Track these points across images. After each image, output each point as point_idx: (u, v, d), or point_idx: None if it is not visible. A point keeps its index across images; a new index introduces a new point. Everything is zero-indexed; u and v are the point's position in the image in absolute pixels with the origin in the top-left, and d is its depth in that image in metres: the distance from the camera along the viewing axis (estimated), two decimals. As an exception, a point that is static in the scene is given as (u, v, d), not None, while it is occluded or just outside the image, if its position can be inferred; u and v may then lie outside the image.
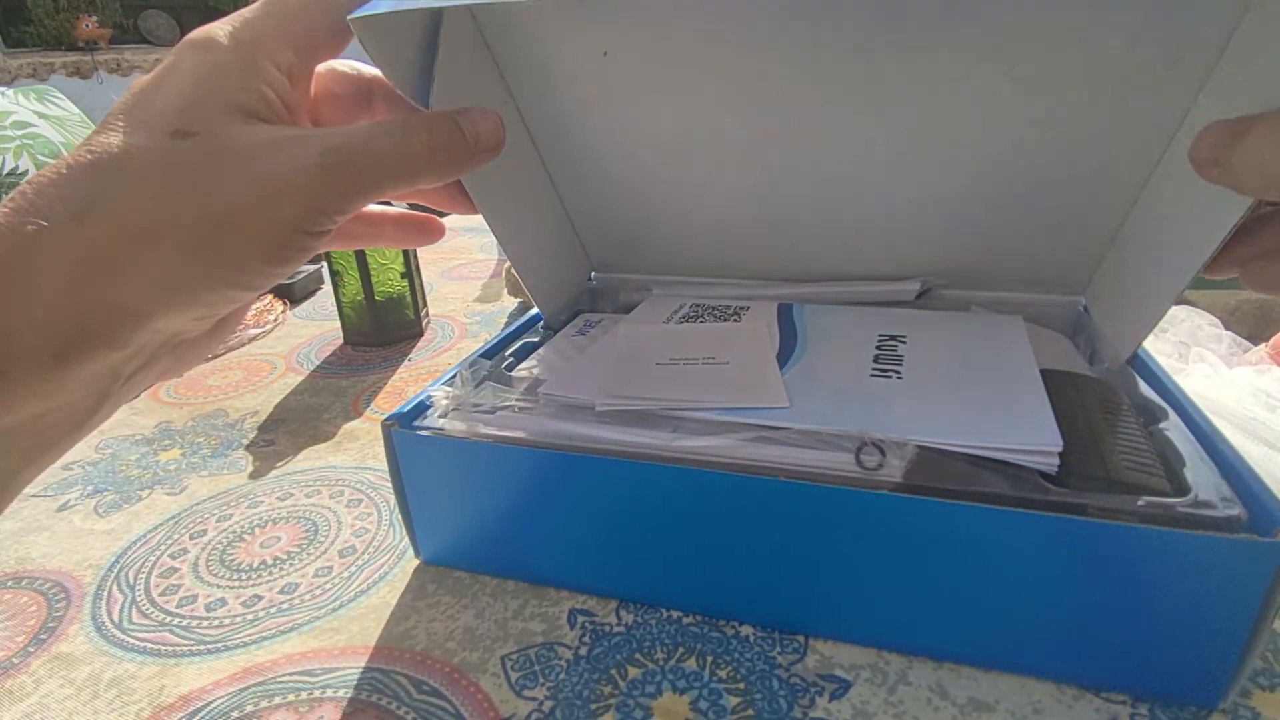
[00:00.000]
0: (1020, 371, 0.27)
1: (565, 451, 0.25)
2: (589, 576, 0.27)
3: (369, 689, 0.23)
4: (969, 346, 0.29)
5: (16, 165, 0.85)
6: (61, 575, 0.30)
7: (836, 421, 0.23)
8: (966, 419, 0.23)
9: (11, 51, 3.03)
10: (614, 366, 0.29)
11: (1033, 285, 0.35)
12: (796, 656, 0.23)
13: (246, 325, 0.59)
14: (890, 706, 0.21)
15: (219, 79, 0.20)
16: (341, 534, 0.32)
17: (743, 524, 0.23)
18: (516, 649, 0.24)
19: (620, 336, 0.32)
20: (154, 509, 0.34)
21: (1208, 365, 0.38)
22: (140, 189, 0.18)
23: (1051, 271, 0.34)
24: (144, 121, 0.19)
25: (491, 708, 0.22)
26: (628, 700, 0.22)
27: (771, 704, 0.22)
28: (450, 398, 0.28)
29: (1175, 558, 0.19)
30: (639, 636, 0.24)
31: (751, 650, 0.24)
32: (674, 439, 0.24)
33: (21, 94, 0.94)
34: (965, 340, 0.30)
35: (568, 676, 0.23)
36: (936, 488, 0.21)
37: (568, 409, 0.27)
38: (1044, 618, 0.21)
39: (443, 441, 0.26)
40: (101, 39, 3.17)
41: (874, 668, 0.23)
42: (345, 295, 0.55)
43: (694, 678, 0.23)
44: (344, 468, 0.37)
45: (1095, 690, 0.21)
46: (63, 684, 0.24)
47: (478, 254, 0.83)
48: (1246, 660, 0.19)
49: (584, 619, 0.25)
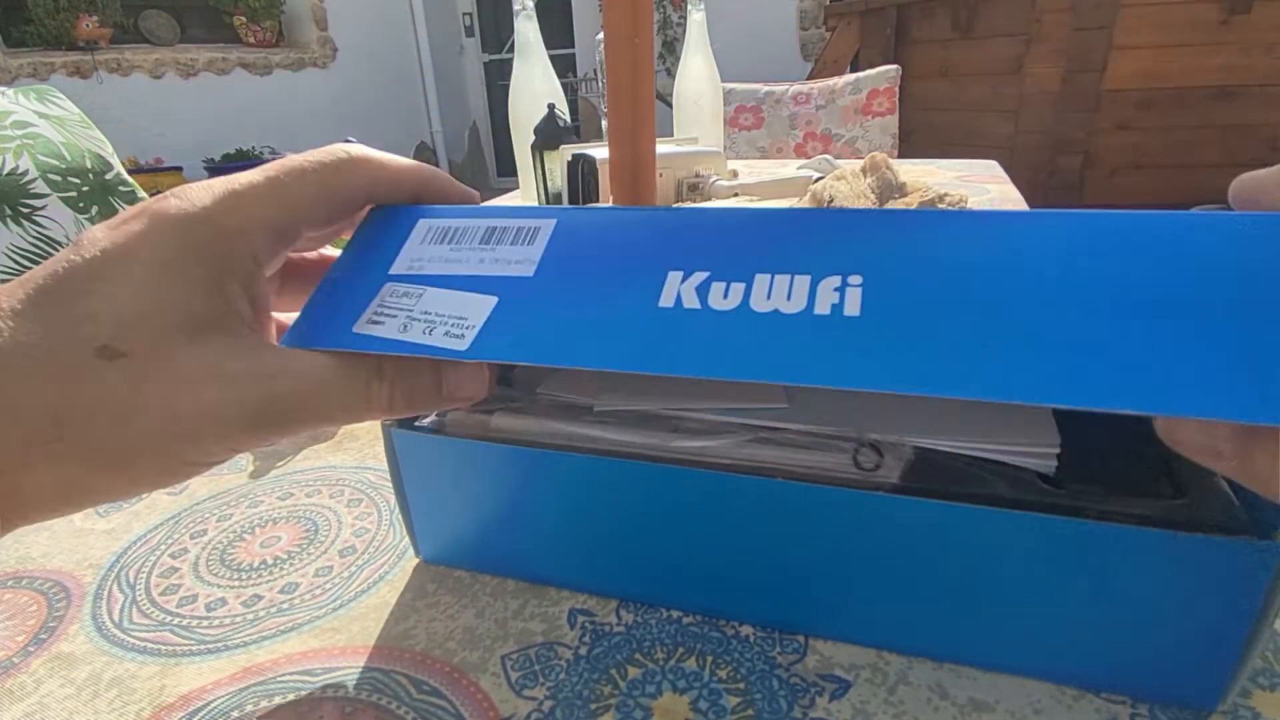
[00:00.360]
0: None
1: (563, 451, 0.25)
2: (588, 576, 0.27)
3: (369, 689, 0.23)
4: None
5: (16, 165, 0.85)
6: (62, 575, 0.30)
7: (834, 422, 0.23)
8: (965, 419, 0.23)
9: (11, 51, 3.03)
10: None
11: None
12: (796, 656, 0.23)
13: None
14: (890, 706, 0.21)
15: (180, 285, 0.17)
16: (342, 534, 0.32)
17: (741, 524, 0.23)
18: (516, 649, 0.24)
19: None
20: (154, 508, 0.34)
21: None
22: (38, 402, 0.15)
23: None
24: (69, 322, 0.16)
25: (491, 707, 0.22)
26: (628, 700, 0.22)
27: (771, 704, 0.22)
28: None
29: (1174, 560, 0.19)
30: (639, 636, 0.24)
31: (751, 650, 0.24)
32: (672, 439, 0.24)
33: (21, 94, 0.94)
34: None
35: (568, 676, 0.23)
36: (934, 489, 0.21)
37: (566, 409, 0.27)
38: (1041, 620, 0.21)
39: (442, 441, 0.26)
40: (102, 39, 3.17)
41: (874, 668, 0.23)
42: (345, 295, 0.55)
43: (694, 678, 0.23)
44: (344, 467, 0.37)
45: (1095, 690, 0.21)
46: (63, 684, 0.24)
47: (478, 254, 0.83)
48: (1246, 662, 0.19)
49: (584, 619, 0.25)
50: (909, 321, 0.16)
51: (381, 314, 0.21)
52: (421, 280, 0.21)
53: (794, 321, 0.17)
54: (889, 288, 0.17)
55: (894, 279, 0.17)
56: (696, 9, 1.13)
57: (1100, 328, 0.15)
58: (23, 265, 0.83)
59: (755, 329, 0.17)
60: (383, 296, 0.21)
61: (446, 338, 0.20)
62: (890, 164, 0.53)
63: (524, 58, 1.06)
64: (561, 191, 0.88)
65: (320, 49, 3.95)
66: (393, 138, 4.42)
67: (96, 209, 0.91)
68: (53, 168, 0.88)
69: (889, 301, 0.17)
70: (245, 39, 3.72)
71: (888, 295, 0.17)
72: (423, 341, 0.20)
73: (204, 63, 3.48)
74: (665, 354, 0.18)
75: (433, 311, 0.20)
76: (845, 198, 0.51)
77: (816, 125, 2.06)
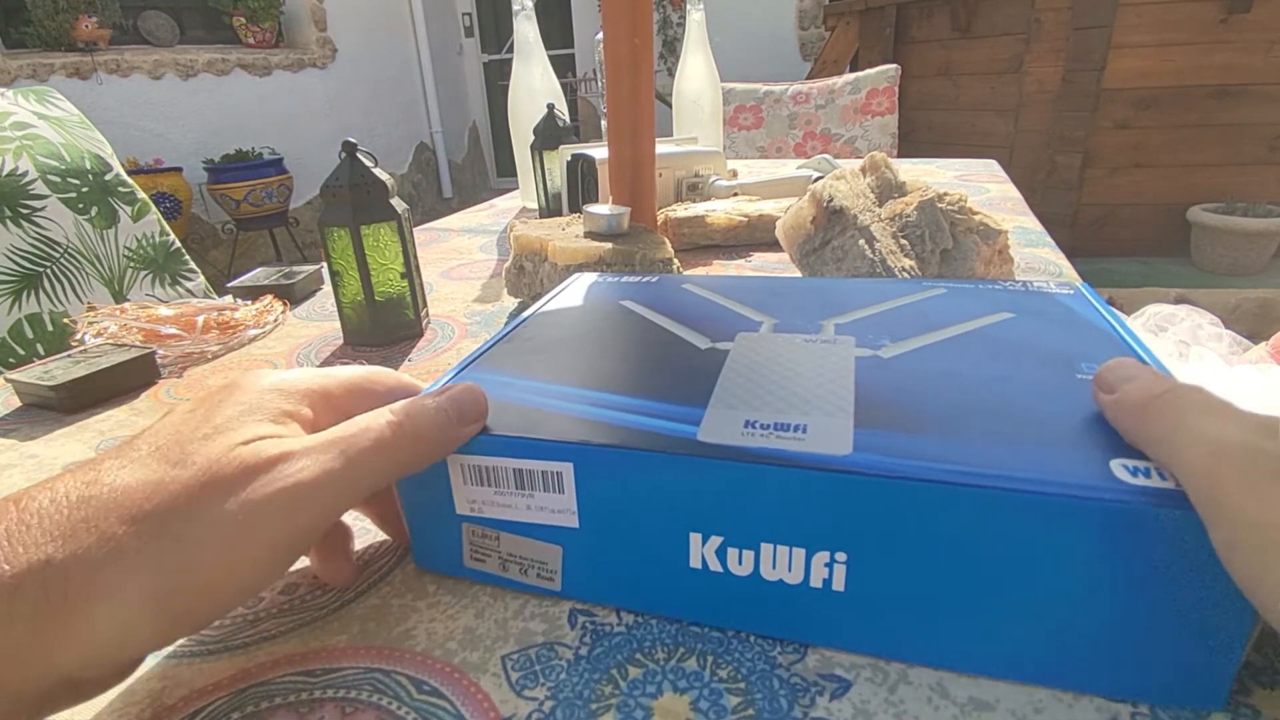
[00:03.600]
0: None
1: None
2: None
3: (369, 689, 0.23)
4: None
5: (16, 166, 0.85)
6: (62, 576, 0.30)
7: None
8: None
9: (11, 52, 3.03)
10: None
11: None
12: (797, 656, 0.23)
13: (247, 326, 0.59)
14: (891, 706, 0.21)
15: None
16: (342, 534, 0.32)
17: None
18: (517, 649, 0.24)
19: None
20: (154, 509, 0.34)
21: (1208, 364, 0.38)
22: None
23: None
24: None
25: (492, 707, 0.22)
26: (628, 700, 0.22)
27: (772, 704, 0.22)
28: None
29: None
30: (639, 636, 0.24)
31: (752, 650, 0.24)
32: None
33: (21, 95, 0.94)
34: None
35: (568, 676, 0.23)
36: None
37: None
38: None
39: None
40: (101, 40, 3.17)
41: (874, 667, 0.23)
42: (345, 295, 0.55)
43: (695, 678, 0.23)
44: (344, 468, 0.37)
45: (1100, 694, 0.21)
46: (63, 685, 0.24)
47: (477, 254, 0.84)
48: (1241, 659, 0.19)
49: (584, 619, 0.25)
50: (883, 596, 0.22)
51: (480, 553, 0.27)
52: (490, 524, 0.26)
53: (794, 590, 0.23)
54: (869, 565, 0.22)
55: (874, 557, 0.22)
56: (696, 9, 1.13)
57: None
58: (23, 266, 0.83)
59: (765, 594, 0.23)
60: (470, 536, 0.27)
61: (539, 579, 0.26)
62: (890, 163, 0.53)
63: (523, 58, 1.06)
64: (561, 191, 0.88)
65: (319, 50, 3.95)
66: (392, 138, 4.42)
67: (96, 210, 0.91)
68: (52, 169, 0.88)
69: (868, 577, 0.22)
70: (244, 40, 3.72)
71: (867, 572, 0.22)
72: (523, 581, 0.27)
73: (203, 63, 3.48)
74: (703, 608, 0.25)
75: (517, 555, 0.26)
76: (845, 197, 0.51)
77: (816, 125, 2.06)
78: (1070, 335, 0.29)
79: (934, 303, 0.34)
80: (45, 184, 0.87)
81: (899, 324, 0.32)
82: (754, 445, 0.23)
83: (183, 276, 1.00)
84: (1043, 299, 0.34)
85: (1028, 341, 0.29)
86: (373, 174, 0.53)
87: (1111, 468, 0.20)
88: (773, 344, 0.31)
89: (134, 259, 0.95)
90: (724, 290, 0.38)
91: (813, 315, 0.34)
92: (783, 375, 0.27)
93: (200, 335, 0.56)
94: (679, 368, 0.29)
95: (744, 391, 0.26)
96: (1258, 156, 2.59)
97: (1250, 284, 2.41)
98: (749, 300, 0.36)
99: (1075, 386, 0.25)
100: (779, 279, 0.40)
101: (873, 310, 0.34)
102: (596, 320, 0.35)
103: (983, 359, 0.28)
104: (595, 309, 0.37)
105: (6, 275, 0.82)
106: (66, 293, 0.87)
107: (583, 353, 0.32)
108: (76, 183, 0.90)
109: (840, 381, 0.27)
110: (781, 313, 0.34)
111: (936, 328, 0.31)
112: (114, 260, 0.93)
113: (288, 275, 0.71)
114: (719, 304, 0.36)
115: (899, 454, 0.21)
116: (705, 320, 0.34)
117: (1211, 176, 2.64)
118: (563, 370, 0.30)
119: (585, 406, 0.26)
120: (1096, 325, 0.30)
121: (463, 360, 0.31)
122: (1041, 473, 0.20)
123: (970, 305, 0.33)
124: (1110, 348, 0.28)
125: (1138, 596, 0.20)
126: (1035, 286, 0.35)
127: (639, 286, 0.40)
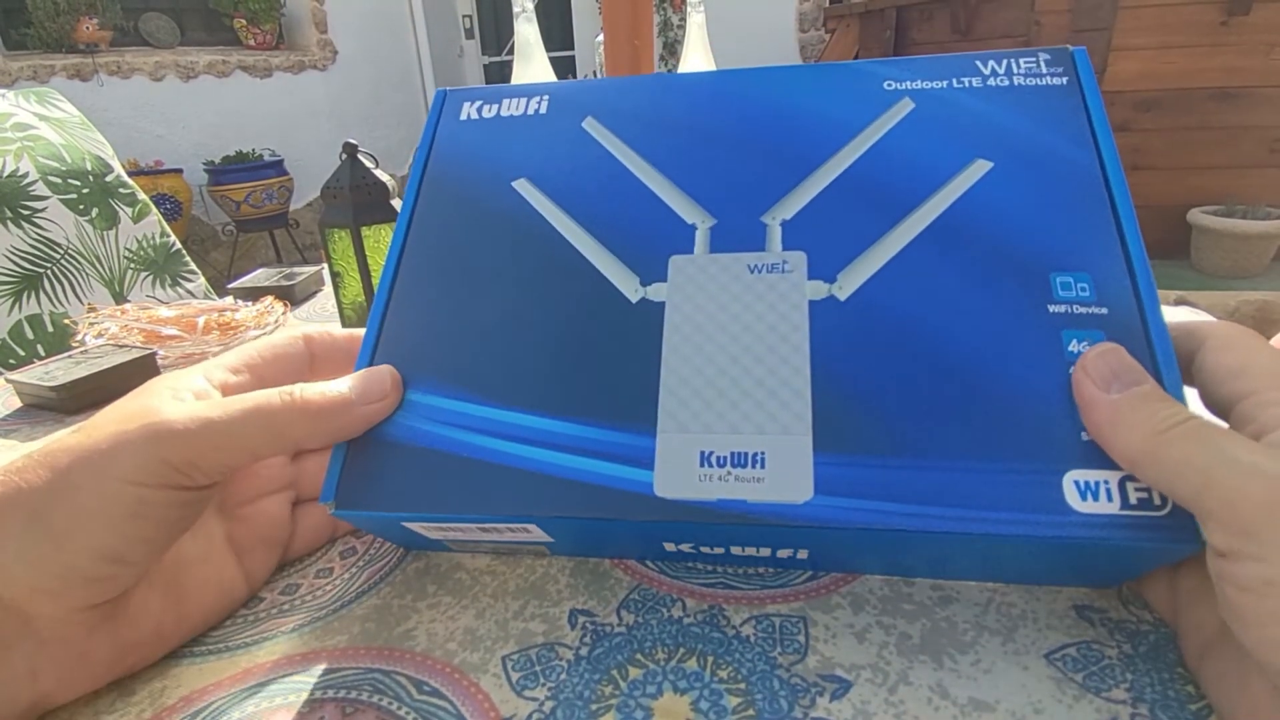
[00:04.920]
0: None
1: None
2: None
3: (370, 689, 0.23)
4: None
5: (17, 167, 0.85)
6: (62, 576, 0.30)
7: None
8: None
9: (12, 54, 3.03)
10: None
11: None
12: (797, 656, 0.23)
13: (247, 327, 0.59)
14: (891, 706, 0.21)
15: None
16: (342, 535, 0.32)
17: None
18: (517, 649, 0.24)
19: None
20: (155, 510, 0.34)
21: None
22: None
23: None
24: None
25: (492, 708, 0.22)
26: (628, 700, 0.22)
27: (772, 704, 0.22)
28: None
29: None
30: (640, 637, 0.24)
31: (752, 650, 0.24)
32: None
33: (22, 96, 0.94)
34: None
35: (568, 676, 0.23)
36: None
37: None
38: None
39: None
40: (102, 41, 3.18)
41: (874, 668, 0.23)
42: (346, 296, 0.55)
43: (695, 678, 0.23)
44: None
45: (1095, 691, 0.21)
46: (63, 685, 0.24)
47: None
48: None
49: (584, 619, 0.25)
50: (846, 563, 0.26)
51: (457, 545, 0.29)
52: (462, 542, 0.28)
53: (764, 560, 0.27)
54: (831, 555, 0.25)
55: (836, 553, 0.25)
56: (696, 11, 1.13)
57: None
58: (23, 267, 0.83)
59: (738, 560, 0.27)
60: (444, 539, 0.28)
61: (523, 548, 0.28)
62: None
63: (524, 60, 1.06)
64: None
65: (320, 51, 3.95)
66: (392, 140, 4.42)
67: (96, 211, 0.91)
68: (53, 170, 0.88)
69: (831, 559, 0.26)
70: (245, 41, 3.72)
71: (831, 556, 0.26)
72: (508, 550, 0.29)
73: (204, 65, 3.49)
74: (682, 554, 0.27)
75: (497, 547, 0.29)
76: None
77: (816, 127, 2.05)
78: (1053, 212, 0.26)
79: (900, 144, 0.28)
80: (46, 185, 0.87)
81: (856, 215, 0.27)
82: (712, 498, 0.23)
83: (183, 278, 1.01)
84: (1024, 114, 0.28)
85: (1002, 239, 0.26)
86: (373, 175, 0.53)
87: (1064, 490, 0.21)
88: (713, 287, 0.27)
89: (134, 260, 0.95)
90: (640, 147, 0.31)
91: (755, 199, 0.28)
92: (731, 362, 0.25)
93: (201, 336, 0.56)
94: (613, 351, 0.26)
95: (692, 398, 0.25)
96: (1258, 159, 2.59)
97: (1250, 286, 2.41)
98: (672, 161, 0.30)
99: (1043, 336, 0.24)
100: (702, 97, 0.32)
101: (826, 179, 0.28)
102: (503, 234, 0.30)
103: (948, 292, 0.25)
104: (490, 194, 0.32)
105: (7, 276, 0.82)
106: (67, 294, 0.87)
107: (501, 299, 0.28)
108: (77, 184, 0.90)
109: (795, 365, 0.25)
110: (716, 195, 0.29)
111: (899, 219, 0.27)
112: (114, 261, 0.93)
113: (288, 276, 0.71)
114: (636, 179, 0.30)
115: (860, 493, 0.23)
116: (628, 226, 0.29)
117: (1211, 179, 2.64)
118: (491, 365, 0.27)
119: (535, 450, 0.25)
120: (1085, 190, 0.27)
121: (381, 277, 0.31)
122: (995, 506, 0.22)
123: (944, 145, 0.28)
124: (1091, 242, 0.25)
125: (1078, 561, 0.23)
126: (1020, 69, 0.29)
127: (530, 122, 0.33)
